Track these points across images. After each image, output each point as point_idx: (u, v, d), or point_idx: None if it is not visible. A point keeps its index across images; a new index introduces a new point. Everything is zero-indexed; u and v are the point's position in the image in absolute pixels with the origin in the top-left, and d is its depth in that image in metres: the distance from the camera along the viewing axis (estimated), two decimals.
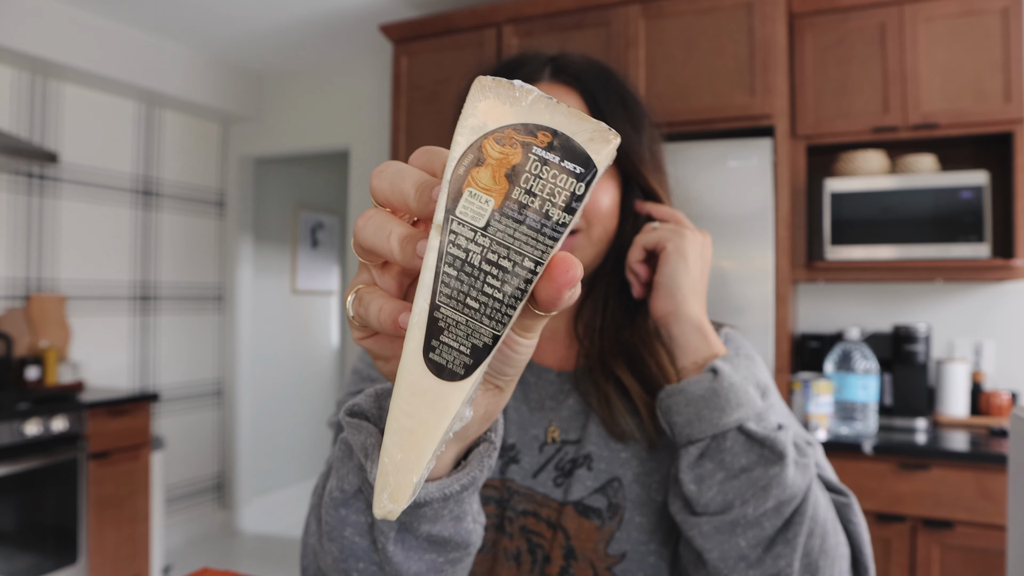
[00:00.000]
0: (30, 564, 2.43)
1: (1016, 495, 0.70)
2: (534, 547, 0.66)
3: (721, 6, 2.25)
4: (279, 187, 4.30)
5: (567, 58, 0.72)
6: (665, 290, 0.64)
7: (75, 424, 2.56)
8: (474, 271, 0.30)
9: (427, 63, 2.74)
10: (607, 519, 0.66)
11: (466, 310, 0.30)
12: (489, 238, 0.29)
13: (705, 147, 2.19)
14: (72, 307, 3.19)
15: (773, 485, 0.56)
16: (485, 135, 0.29)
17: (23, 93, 3.02)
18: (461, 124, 0.29)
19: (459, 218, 0.29)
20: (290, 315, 4.41)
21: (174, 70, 3.40)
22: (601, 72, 0.71)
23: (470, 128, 0.29)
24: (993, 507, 1.86)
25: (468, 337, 0.30)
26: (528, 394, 0.74)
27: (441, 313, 0.30)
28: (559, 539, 0.66)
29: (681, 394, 0.59)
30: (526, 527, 0.67)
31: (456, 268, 0.30)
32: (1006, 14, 2.12)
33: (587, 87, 0.69)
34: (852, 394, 2.12)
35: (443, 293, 0.30)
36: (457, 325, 0.30)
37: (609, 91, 0.70)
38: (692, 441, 0.58)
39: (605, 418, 0.69)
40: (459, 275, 0.30)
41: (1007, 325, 2.38)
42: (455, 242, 0.29)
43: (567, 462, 0.69)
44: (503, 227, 0.29)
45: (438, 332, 0.30)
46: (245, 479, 3.95)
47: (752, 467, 0.56)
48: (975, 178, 2.11)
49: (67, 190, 3.18)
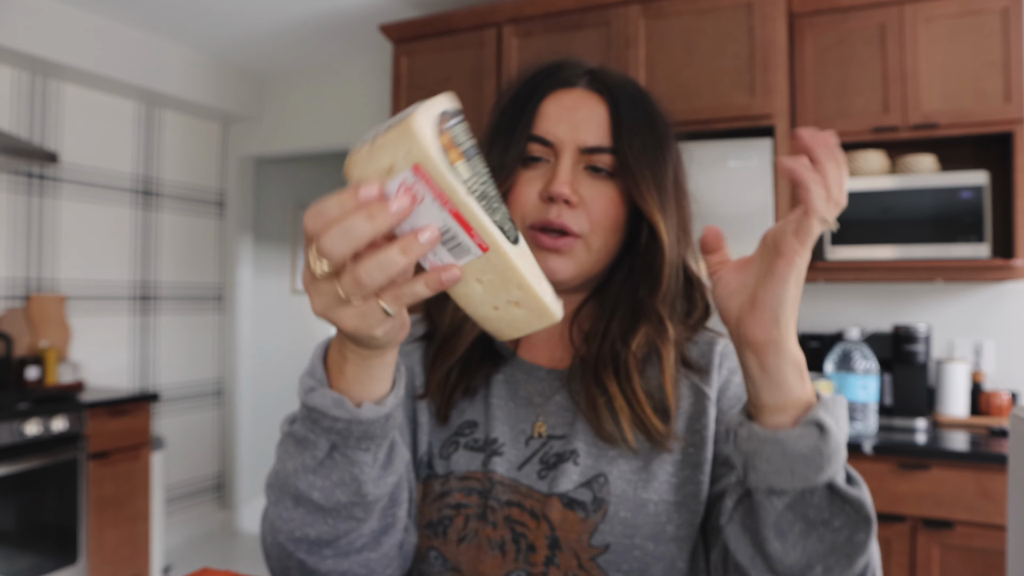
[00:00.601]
0: (30, 564, 2.44)
1: (1016, 495, 0.70)
2: (518, 536, 0.67)
3: (721, 6, 2.25)
4: (279, 187, 4.31)
5: (605, 71, 0.74)
6: (771, 313, 0.52)
7: (75, 424, 2.57)
8: (486, 193, 0.45)
9: (427, 63, 2.74)
10: (591, 512, 0.66)
11: (494, 214, 0.45)
12: (476, 176, 0.44)
13: (705, 147, 2.19)
14: (72, 307, 3.20)
15: (859, 553, 0.53)
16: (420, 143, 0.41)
17: (23, 93, 3.02)
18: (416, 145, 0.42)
19: (462, 175, 0.43)
20: (290, 315, 4.41)
21: (174, 70, 3.40)
22: (636, 92, 0.73)
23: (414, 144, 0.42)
24: (993, 507, 1.86)
25: (502, 225, 0.45)
26: (517, 391, 0.75)
27: (495, 220, 0.45)
28: (543, 529, 0.67)
29: (778, 445, 0.52)
30: (510, 517, 0.68)
31: (479, 197, 0.44)
32: (1006, 14, 2.12)
33: (616, 100, 0.71)
34: (852, 394, 2.12)
35: (488, 210, 0.44)
36: (499, 222, 0.45)
37: (637, 110, 0.71)
38: (775, 491, 0.53)
39: (592, 420, 0.70)
40: (484, 200, 0.44)
41: (1007, 325, 2.38)
42: (470, 188, 0.43)
43: (552, 456, 0.70)
44: (473, 168, 0.44)
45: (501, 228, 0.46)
46: (245, 479, 3.95)
47: (834, 523, 0.53)
48: (975, 178, 2.11)
49: (67, 190, 3.18)
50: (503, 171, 0.69)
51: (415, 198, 0.42)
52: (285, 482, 0.58)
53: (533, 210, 0.69)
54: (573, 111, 0.70)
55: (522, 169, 0.70)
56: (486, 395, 0.75)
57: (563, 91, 0.72)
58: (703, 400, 0.71)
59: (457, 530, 0.68)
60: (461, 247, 0.44)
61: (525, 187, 0.69)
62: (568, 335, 0.76)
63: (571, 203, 0.67)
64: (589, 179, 0.69)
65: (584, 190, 0.69)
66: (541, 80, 0.73)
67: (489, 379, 0.75)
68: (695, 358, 0.74)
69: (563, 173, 0.68)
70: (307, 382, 0.55)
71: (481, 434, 0.73)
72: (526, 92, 0.72)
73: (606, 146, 0.69)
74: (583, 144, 0.69)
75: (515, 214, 0.69)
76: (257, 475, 4.09)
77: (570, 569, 0.66)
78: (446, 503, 0.70)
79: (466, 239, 0.44)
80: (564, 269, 0.68)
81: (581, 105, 0.70)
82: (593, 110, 0.70)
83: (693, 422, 0.70)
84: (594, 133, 0.69)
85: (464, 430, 0.73)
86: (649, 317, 0.70)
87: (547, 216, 0.67)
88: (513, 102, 0.73)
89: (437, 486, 0.71)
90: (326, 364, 0.55)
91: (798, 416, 0.53)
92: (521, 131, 0.70)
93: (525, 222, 0.69)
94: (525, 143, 0.69)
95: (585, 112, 0.70)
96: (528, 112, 0.70)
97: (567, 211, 0.67)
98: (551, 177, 0.68)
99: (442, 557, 0.68)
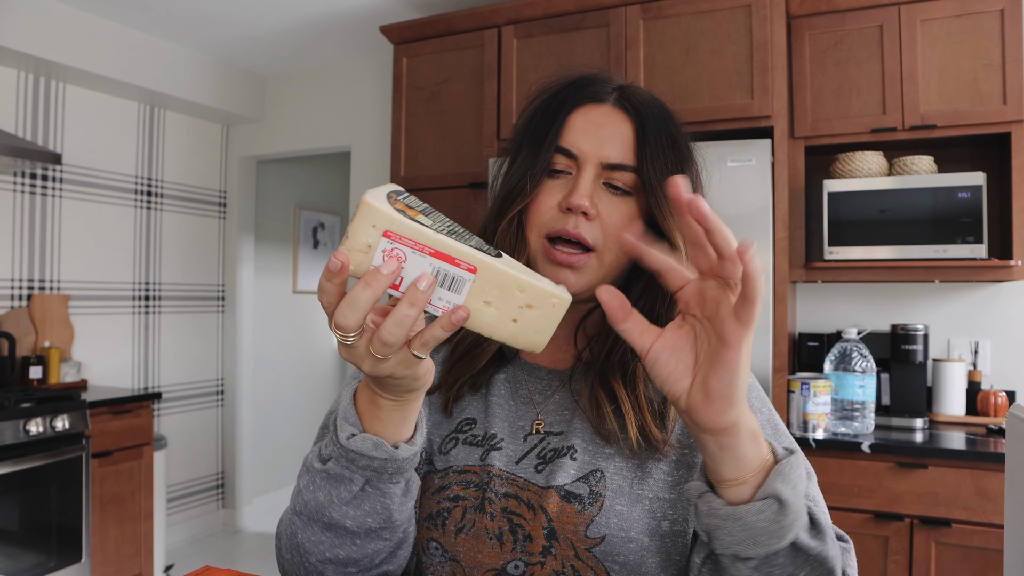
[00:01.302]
0: (34, 563, 2.45)
1: (1013, 493, 0.70)
2: (515, 527, 0.69)
3: (720, 7, 2.26)
4: (280, 187, 4.32)
5: (633, 89, 0.76)
6: (727, 401, 0.51)
7: (78, 423, 2.58)
8: (455, 230, 0.52)
9: (427, 64, 2.75)
10: (588, 504, 0.68)
11: (469, 240, 0.51)
12: (439, 221, 0.52)
13: (704, 148, 2.18)
14: (75, 307, 3.21)
15: None
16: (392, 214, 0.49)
17: (27, 94, 3.03)
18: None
19: (426, 224, 0.50)
20: (291, 315, 4.43)
21: (176, 71, 3.42)
22: (661, 113, 0.74)
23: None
24: (990, 506, 1.87)
25: (480, 247, 0.51)
26: (518, 390, 0.77)
27: (473, 243, 0.51)
28: (540, 520, 0.68)
29: (738, 521, 0.54)
30: (508, 508, 0.70)
31: (449, 233, 0.50)
32: (1003, 16, 2.13)
33: (642, 120, 0.72)
34: (850, 393, 2.13)
35: (462, 240, 0.50)
36: (476, 245, 0.51)
37: (661, 130, 0.72)
38: (740, 557, 0.55)
39: (592, 418, 0.71)
40: (455, 235, 0.51)
41: (1004, 325, 2.39)
42: (438, 229, 0.50)
43: (549, 451, 0.72)
44: (434, 218, 0.52)
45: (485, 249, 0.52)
46: (246, 478, 3.97)
47: (799, 574, 0.56)
48: (972, 179, 2.12)
49: (70, 190, 3.20)
50: (530, 178, 0.71)
51: (399, 258, 0.49)
52: (317, 512, 0.63)
53: (551, 219, 0.71)
54: (600, 127, 0.72)
55: (547, 179, 0.72)
56: (487, 394, 0.77)
57: (591, 106, 0.74)
58: None
59: (455, 521, 0.70)
60: (455, 280, 0.50)
61: (546, 196, 0.72)
62: (572, 339, 0.77)
63: (589, 215, 0.69)
64: (607, 195, 0.71)
65: (602, 205, 0.70)
66: (571, 93, 0.75)
67: (492, 378, 0.78)
68: None
69: (583, 186, 0.69)
70: (346, 428, 0.60)
71: (480, 430, 0.75)
72: (556, 103, 0.74)
73: (628, 164, 0.71)
74: (606, 160, 0.71)
75: (533, 222, 0.72)
76: (258, 474, 4.11)
77: (567, 559, 0.67)
78: (445, 496, 0.72)
79: (454, 270, 0.50)
80: (575, 283, 0.70)
81: (608, 122, 0.72)
82: (619, 128, 0.72)
83: (687, 436, 0.72)
84: (618, 150, 0.71)
85: (463, 427, 0.75)
86: None
87: (564, 226, 0.69)
88: (543, 112, 0.75)
89: (436, 480, 0.73)
90: (356, 409, 0.62)
91: (758, 484, 0.55)
92: (549, 141, 0.72)
93: (542, 231, 0.71)
94: (552, 154, 0.71)
95: (611, 129, 0.72)
96: (557, 123, 0.72)
97: (584, 223, 0.69)
98: (571, 188, 0.70)
99: (442, 548, 0.70)
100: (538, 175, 0.72)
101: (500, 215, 0.74)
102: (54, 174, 3.14)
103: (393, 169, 2.79)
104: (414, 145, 2.76)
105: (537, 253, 0.72)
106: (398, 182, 2.76)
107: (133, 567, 2.84)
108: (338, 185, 4.74)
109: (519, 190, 0.72)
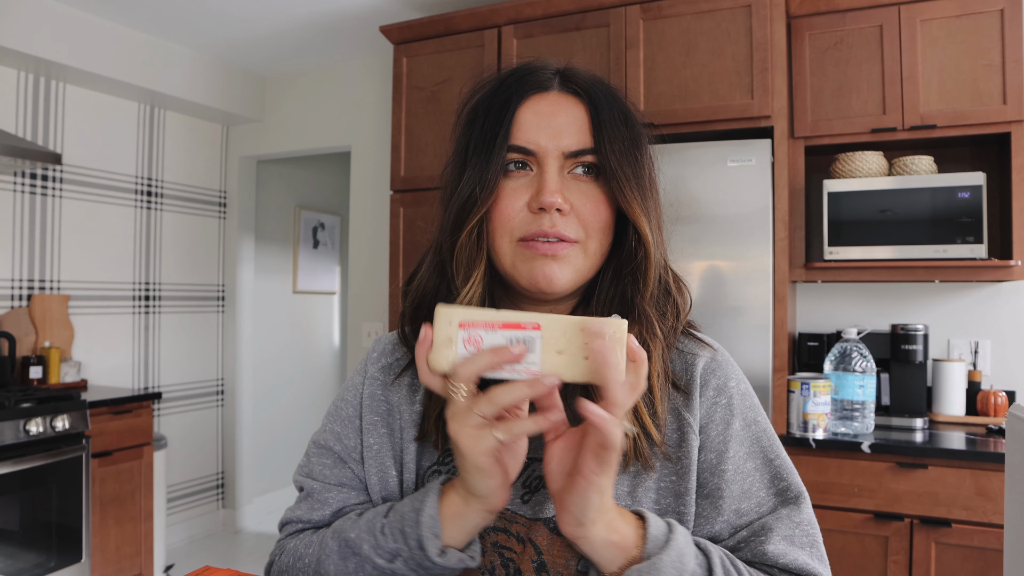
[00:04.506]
0: (34, 563, 2.45)
1: (1013, 493, 0.70)
2: (506, 561, 0.68)
3: (720, 7, 2.26)
4: (280, 187, 4.32)
5: (575, 71, 0.73)
6: (575, 518, 0.57)
7: (78, 423, 2.58)
8: None
9: (427, 64, 2.75)
10: None
11: None
12: None
13: (704, 148, 2.20)
14: (75, 307, 3.21)
15: None
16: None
17: (27, 94, 3.03)
18: None
19: (486, 309, 0.60)
20: (291, 315, 4.43)
21: (176, 71, 3.42)
22: (607, 89, 0.72)
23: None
24: (990, 506, 1.87)
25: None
26: None
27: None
28: (529, 552, 0.67)
29: None
30: (497, 543, 0.68)
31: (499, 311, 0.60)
32: (1003, 16, 2.13)
33: (593, 100, 0.70)
34: (850, 393, 2.13)
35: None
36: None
37: (613, 107, 0.70)
38: None
39: None
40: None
41: (1004, 325, 2.39)
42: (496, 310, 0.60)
43: (535, 478, 0.69)
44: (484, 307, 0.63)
45: None
46: (247, 478, 3.97)
47: None
48: (972, 179, 2.12)
49: (70, 190, 3.20)
50: (487, 184, 0.67)
51: (477, 341, 0.57)
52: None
53: (523, 222, 0.67)
54: (552, 116, 0.69)
55: (503, 180, 0.68)
56: None
57: (537, 96, 0.70)
58: (684, 427, 0.69)
59: None
60: (526, 340, 0.58)
61: (510, 199, 0.68)
62: None
63: (563, 211, 0.67)
64: (575, 183, 0.69)
65: (572, 196, 0.68)
66: (513, 86, 0.71)
67: None
68: (677, 372, 0.72)
69: (551, 182, 0.66)
70: (434, 543, 0.62)
71: None
72: (499, 101, 0.70)
73: (588, 147, 0.68)
74: (567, 149, 0.68)
75: (502, 228, 0.68)
76: (258, 474, 4.11)
77: None
78: None
79: (523, 333, 0.58)
80: (562, 275, 0.67)
81: (558, 110, 0.69)
82: (571, 113, 0.69)
83: (675, 449, 0.69)
84: (575, 136, 0.68)
85: (446, 458, 0.73)
86: (639, 318, 0.69)
87: (540, 227, 0.66)
88: (486, 112, 0.70)
89: None
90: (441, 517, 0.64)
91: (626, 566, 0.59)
92: (500, 142, 0.68)
93: (514, 235, 0.68)
94: (505, 154, 0.68)
95: (564, 117, 0.69)
96: (505, 122, 0.68)
97: (560, 219, 0.66)
98: (539, 187, 0.67)
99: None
100: (495, 179, 0.67)
101: (458, 226, 0.69)
102: (54, 174, 3.14)
103: (393, 169, 2.79)
104: (414, 145, 2.76)
105: (514, 257, 0.68)
106: (398, 182, 2.76)
107: (133, 567, 2.84)
108: (338, 185, 4.74)
109: (476, 197, 0.67)
